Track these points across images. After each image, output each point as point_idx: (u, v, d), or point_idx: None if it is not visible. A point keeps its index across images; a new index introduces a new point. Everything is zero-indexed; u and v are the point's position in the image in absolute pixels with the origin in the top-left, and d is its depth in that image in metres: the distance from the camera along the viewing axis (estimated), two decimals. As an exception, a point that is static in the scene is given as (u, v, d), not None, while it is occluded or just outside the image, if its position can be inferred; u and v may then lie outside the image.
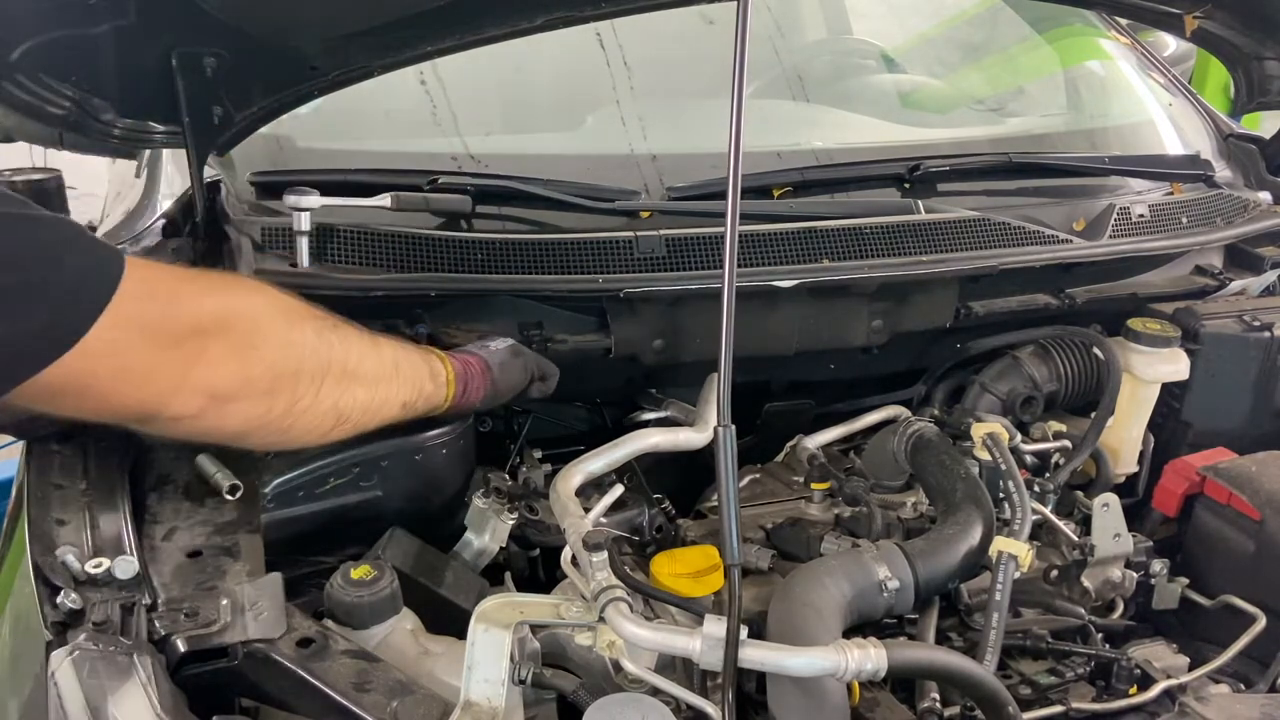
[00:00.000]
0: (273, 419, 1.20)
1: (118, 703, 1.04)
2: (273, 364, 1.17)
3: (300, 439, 1.27)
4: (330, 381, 1.22)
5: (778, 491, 1.73)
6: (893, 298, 1.80)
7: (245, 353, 1.14)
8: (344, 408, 1.26)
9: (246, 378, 1.14)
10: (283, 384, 1.18)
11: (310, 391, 1.20)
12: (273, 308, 1.21)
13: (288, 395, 1.18)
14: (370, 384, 1.29)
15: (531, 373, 1.57)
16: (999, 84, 2.64)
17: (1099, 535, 1.59)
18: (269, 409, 1.18)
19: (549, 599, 1.26)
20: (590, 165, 1.87)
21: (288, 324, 1.21)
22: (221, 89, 1.53)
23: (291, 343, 1.20)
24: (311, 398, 1.21)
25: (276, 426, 1.21)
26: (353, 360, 1.26)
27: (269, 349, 1.17)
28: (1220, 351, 1.85)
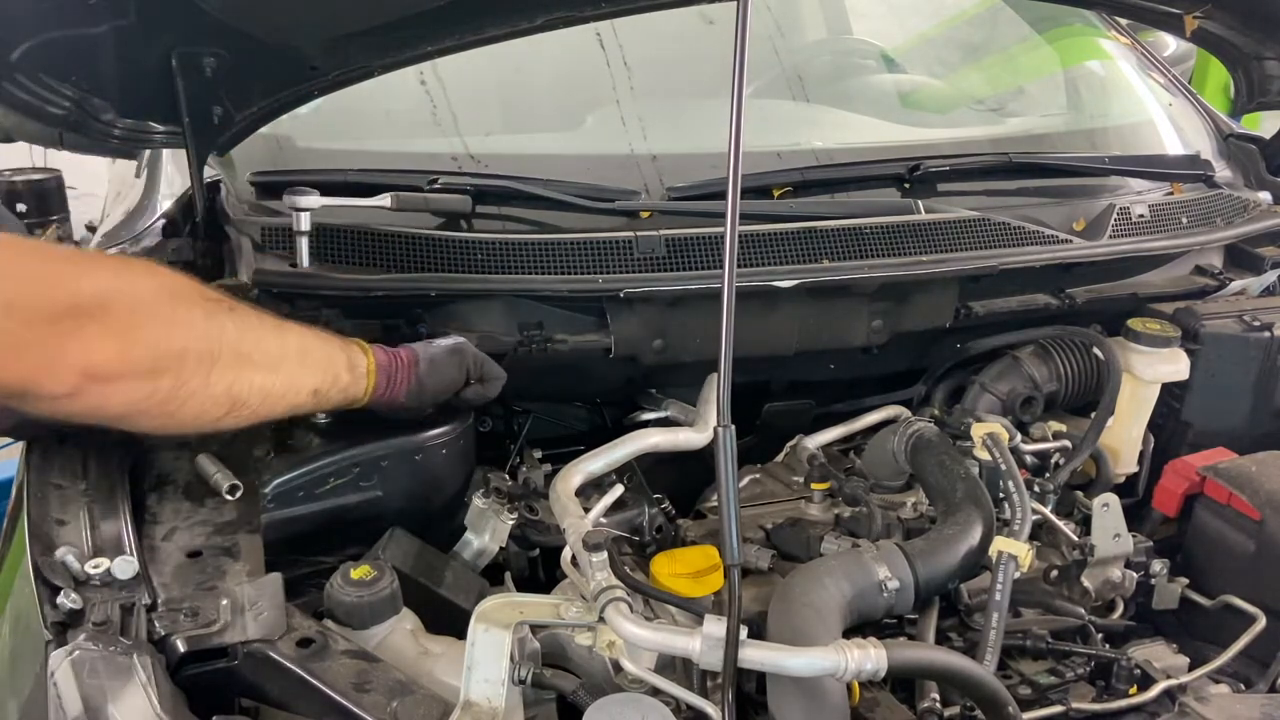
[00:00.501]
0: (156, 402, 1.16)
1: (118, 703, 1.04)
2: (154, 344, 1.14)
3: (190, 424, 1.23)
4: (222, 366, 1.19)
5: (778, 491, 1.73)
6: (893, 298, 1.80)
7: (125, 333, 1.11)
8: (239, 393, 1.22)
9: (125, 358, 1.11)
10: (166, 365, 1.14)
11: (198, 374, 1.17)
12: (159, 288, 1.18)
13: (172, 377, 1.15)
14: (269, 369, 1.25)
15: (469, 373, 1.51)
16: (999, 84, 2.64)
17: (1099, 535, 1.59)
18: (152, 391, 1.14)
19: (549, 599, 1.26)
20: (590, 165, 1.87)
21: (174, 305, 1.17)
22: (221, 89, 1.53)
23: (177, 323, 1.16)
24: (200, 380, 1.17)
25: (162, 410, 1.18)
26: (248, 344, 1.23)
27: (151, 329, 1.14)
28: (1220, 351, 1.85)
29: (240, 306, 1.26)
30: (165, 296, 1.17)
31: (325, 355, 1.34)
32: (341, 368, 1.36)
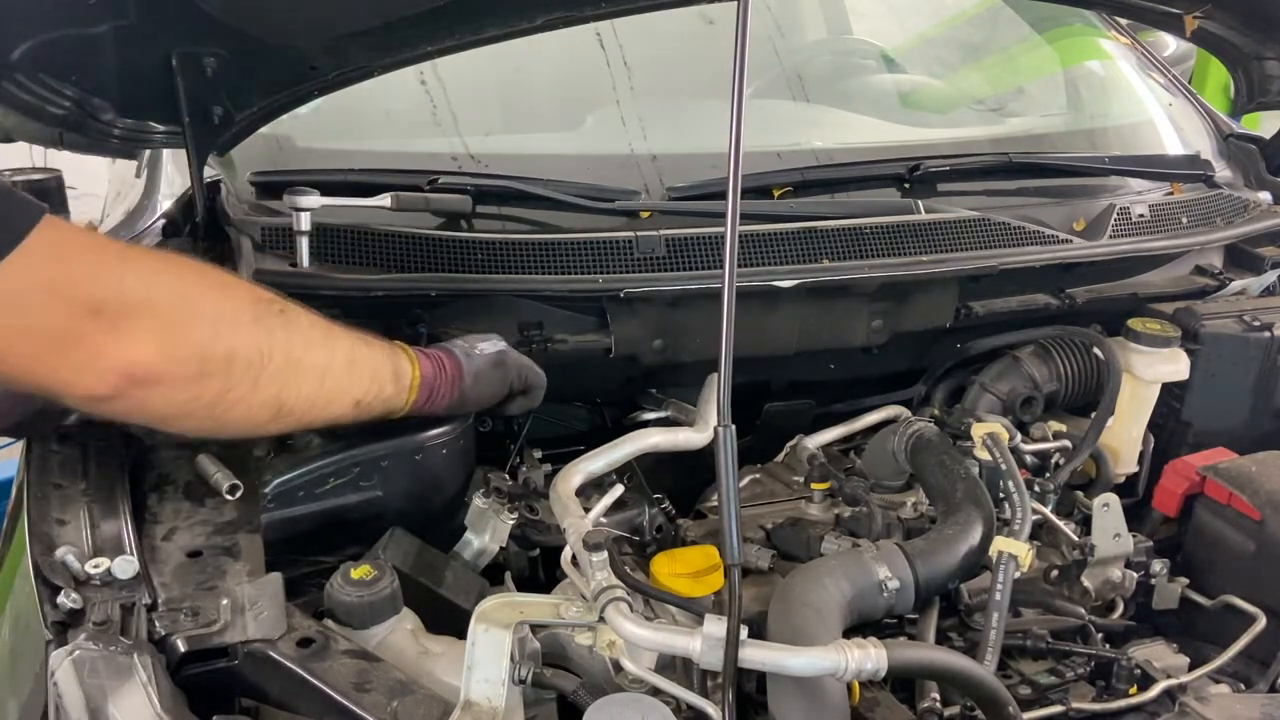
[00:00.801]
0: (201, 406, 1.11)
1: (118, 703, 1.04)
2: (201, 346, 1.07)
3: (235, 429, 1.20)
4: (271, 371, 1.12)
5: (778, 491, 1.73)
6: (893, 298, 1.80)
7: (170, 332, 1.05)
8: (286, 399, 1.16)
9: (170, 359, 1.04)
10: (212, 368, 1.07)
11: (246, 379, 1.10)
12: (207, 286, 1.12)
13: (219, 382, 1.08)
14: (318, 377, 1.19)
15: (512, 385, 1.48)
16: (999, 84, 2.64)
17: (1099, 535, 1.59)
18: (197, 395, 1.09)
19: (549, 599, 1.26)
20: (590, 165, 1.87)
21: (222, 304, 1.11)
22: (221, 89, 1.53)
23: (225, 323, 1.10)
24: (248, 386, 1.11)
25: (206, 414, 1.13)
26: (298, 349, 1.16)
27: (198, 329, 1.07)
28: (1220, 351, 1.85)
29: (290, 308, 1.19)
30: (214, 295, 1.12)
31: (372, 365, 1.29)
32: (387, 379, 1.30)
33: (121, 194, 2.16)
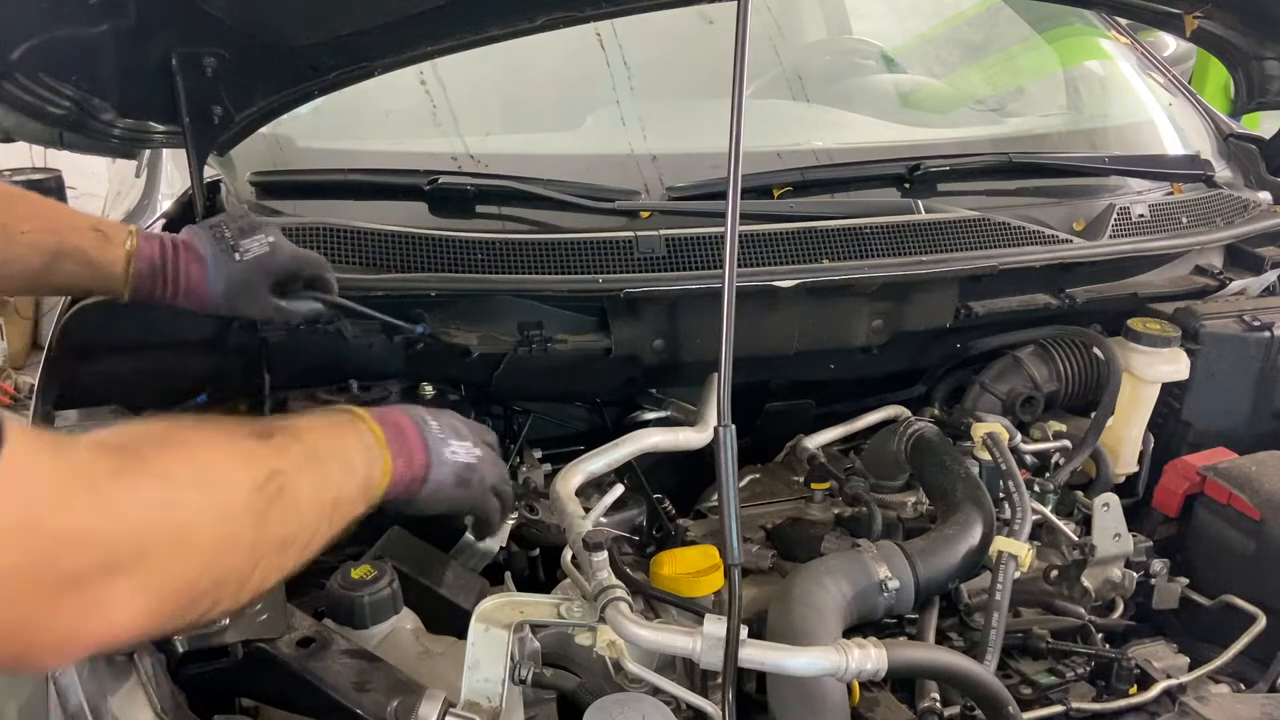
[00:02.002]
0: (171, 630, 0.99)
1: (118, 703, 1.04)
2: (192, 587, 0.88)
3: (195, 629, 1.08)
4: (260, 572, 0.95)
5: (778, 491, 1.73)
6: (893, 298, 1.80)
7: (159, 584, 0.83)
8: (266, 585, 0.98)
9: (156, 615, 0.84)
10: (199, 599, 0.90)
11: (230, 594, 0.93)
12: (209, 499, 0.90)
13: (205, 604, 0.91)
14: (302, 545, 1.01)
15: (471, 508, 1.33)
16: (999, 84, 2.64)
17: (1099, 535, 1.59)
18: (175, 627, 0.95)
19: (549, 599, 1.26)
20: (590, 165, 1.87)
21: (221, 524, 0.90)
22: (221, 89, 1.53)
23: (222, 552, 0.90)
24: (230, 599, 0.94)
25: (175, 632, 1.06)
26: (291, 527, 0.99)
27: (191, 567, 0.87)
28: (1220, 351, 1.85)
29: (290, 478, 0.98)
30: (214, 511, 0.90)
31: (350, 502, 1.10)
32: (359, 503, 1.13)
33: (121, 194, 2.16)
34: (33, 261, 1.30)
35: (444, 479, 1.23)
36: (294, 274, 1.46)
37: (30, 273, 1.30)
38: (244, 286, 1.41)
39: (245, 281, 1.40)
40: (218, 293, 1.40)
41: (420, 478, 1.21)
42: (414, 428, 1.22)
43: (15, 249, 1.29)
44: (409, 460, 1.19)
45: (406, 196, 1.74)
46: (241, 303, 1.42)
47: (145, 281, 1.37)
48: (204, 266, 1.39)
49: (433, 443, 1.23)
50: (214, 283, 1.39)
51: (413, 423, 1.22)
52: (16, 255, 1.29)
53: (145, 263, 1.36)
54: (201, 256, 1.39)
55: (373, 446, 1.15)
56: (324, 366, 1.61)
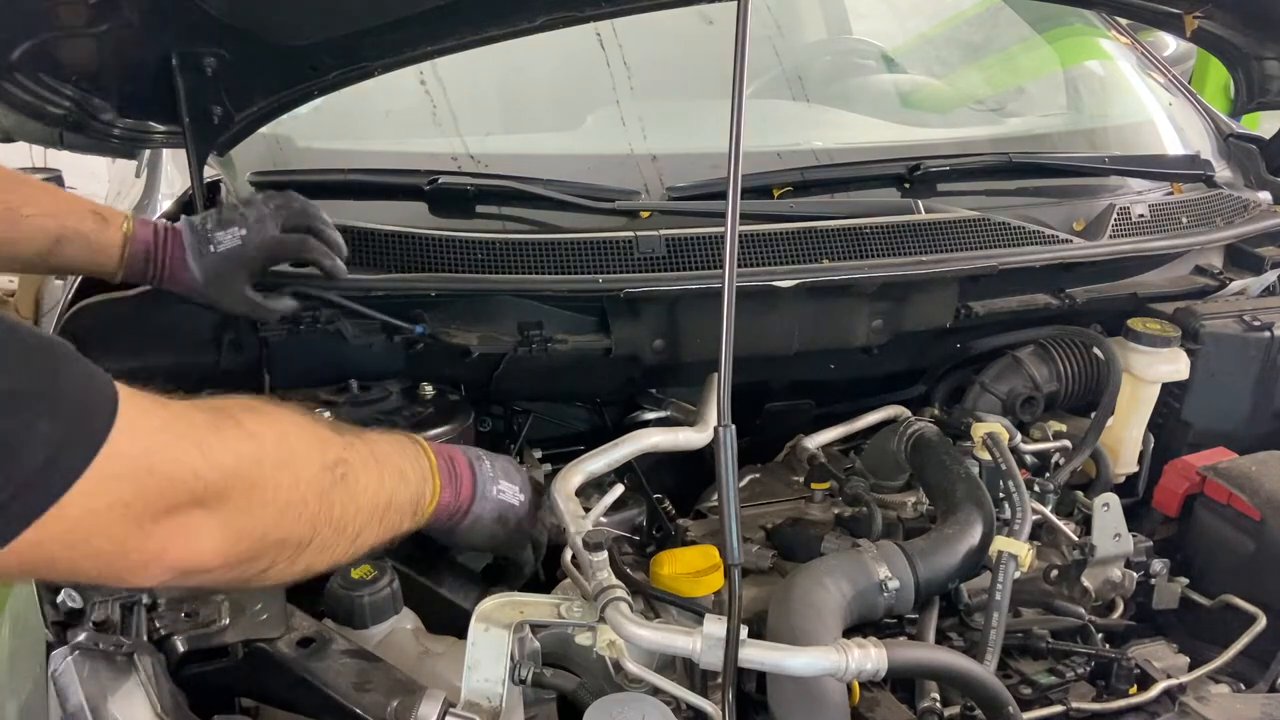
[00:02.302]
0: (234, 581, 1.04)
1: (118, 703, 1.04)
2: (261, 536, 0.99)
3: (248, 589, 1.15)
4: (313, 549, 1.05)
5: (778, 491, 1.73)
6: (893, 298, 1.80)
7: (236, 525, 0.95)
8: (315, 567, 1.08)
9: (228, 555, 0.95)
10: (263, 552, 1.00)
11: (287, 558, 1.03)
12: (285, 461, 1.01)
13: (265, 561, 1.01)
14: (349, 542, 1.10)
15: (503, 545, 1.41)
16: (999, 84, 2.64)
17: (1099, 535, 1.59)
18: (239, 575, 1.01)
19: (549, 599, 1.26)
20: (590, 165, 1.87)
21: (293, 489, 1.01)
22: (221, 89, 1.53)
23: (289, 513, 1.01)
24: (286, 564, 1.03)
25: (233, 585, 1.11)
26: (347, 518, 1.08)
27: (262, 521, 0.98)
28: (1220, 351, 1.85)
29: (353, 466, 1.09)
30: (288, 475, 1.01)
31: (399, 511, 1.19)
32: (408, 516, 1.22)
33: (121, 194, 2.16)
34: (37, 243, 1.37)
35: (485, 513, 1.32)
36: (266, 264, 1.48)
37: (33, 254, 1.38)
38: (218, 278, 1.45)
39: (219, 273, 1.45)
40: (199, 281, 1.45)
41: (464, 509, 1.30)
42: (466, 463, 1.32)
43: (20, 231, 1.36)
44: (456, 491, 1.28)
45: (406, 196, 1.74)
46: (216, 292, 1.46)
47: (138, 263, 1.43)
48: (185, 254, 1.44)
49: (481, 479, 1.32)
50: (194, 270, 1.44)
51: (466, 459, 1.32)
52: (21, 237, 1.36)
53: (140, 244, 1.42)
54: (184, 244, 1.45)
55: (426, 469, 1.25)
56: (324, 366, 1.61)
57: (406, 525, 1.22)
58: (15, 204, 1.36)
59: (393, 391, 1.59)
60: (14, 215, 1.35)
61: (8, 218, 1.35)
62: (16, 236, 1.36)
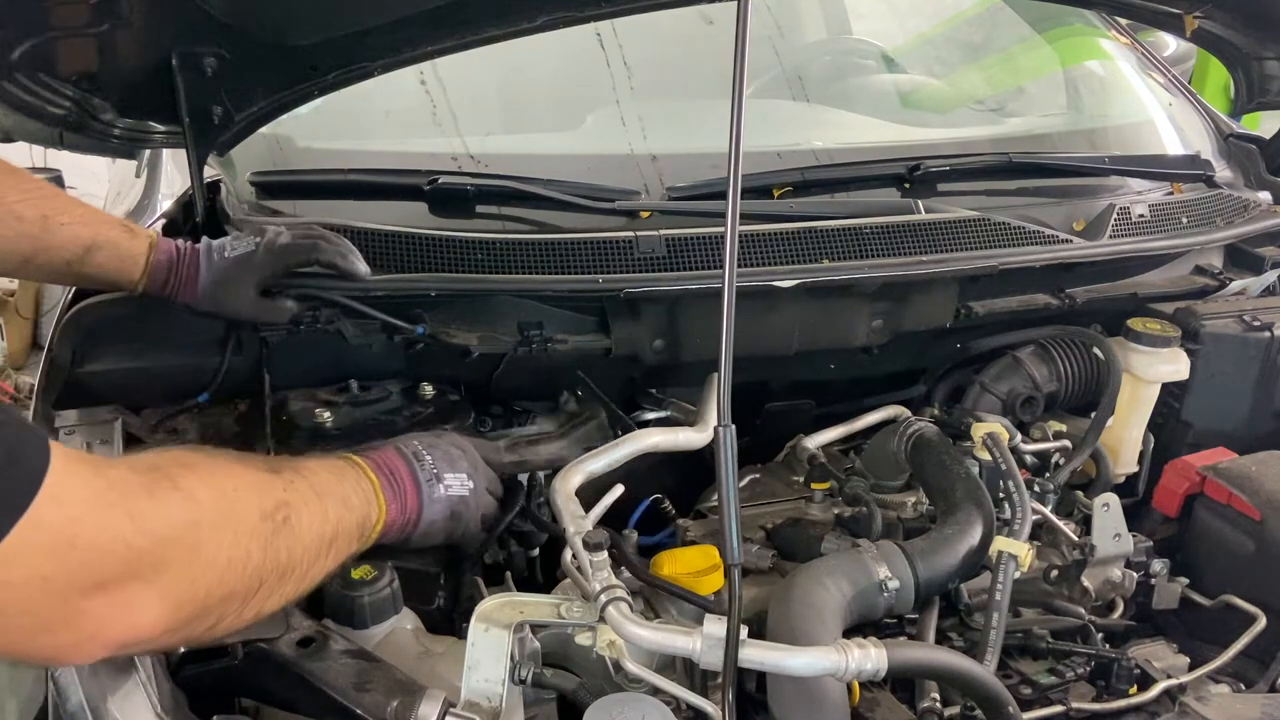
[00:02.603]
0: (179, 644, 1.05)
1: (118, 703, 1.04)
2: (205, 597, 0.95)
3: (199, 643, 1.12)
4: (261, 595, 1.02)
5: (778, 491, 1.73)
6: (893, 298, 1.80)
7: (177, 593, 0.91)
8: (266, 611, 1.05)
9: (171, 623, 0.92)
10: (208, 612, 0.97)
11: (234, 611, 1.00)
12: (224, 517, 0.98)
13: (211, 619, 0.98)
14: (301, 574, 1.08)
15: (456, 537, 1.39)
16: (999, 84, 2.64)
17: (1099, 535, 1.59)
18: (184, 638, 1.00)
19: (549, 599, 1.26)
20: (590, 165, 1.87)
21: (235, 545, 0.98)
22: (221, 89, 1.53)
23: (233, 569, 0.97)
24: (234, 617, 1.01)
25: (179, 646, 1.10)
26: (295, 557, 1.06)
27: (205, 579, 0.94)
28: (1220, 351, 1.85)
29: (295, 508, 1.07)
30: (229, 531, 0.98)
31: (347, 538, 1.18)
32: (354, 540, 1.21)
33: (121, 194, 2.17)
34: (70, 250, 1.40)
35: (436, 516, 1.32)
36: (277, 267, 1.49)
37: (63, 262, 1.41)
38: (226, 282, 1.47)
39: (227, 277, 1.47)
40: (205, 288, 1.47)
41: (414, 520, 1.30)
42: (408, 472, 1.30)
43: (55, 238, 1.39)
44: (402, 505, 1.28)
45: (406, 196, 1.74)
46: (223, 296, 1.48)
47: (161, 272, 1.46)
48: (198, 264, 1.48)
49: (425, 485, 1.31)
50: (203, 278, 1.47)
51: (407, 466, 1.31)
52: (55, 244, 1.39)
53: (164, 254, 1.46)
54: (200, 257, 1.48)
55: (368, 491, 1.24)
56: (324, 366, 1.61)
57: (355, 548, 1.21)
58: (50, 212, 1.39)
59: (393, 391, 1.60)
60: (49, 223, 1.39)
61: (42, 224, 1.38)
62: (51, 243, 1.39)
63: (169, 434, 1.50)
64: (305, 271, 1.53)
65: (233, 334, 1.57)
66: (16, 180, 1.40)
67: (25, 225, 1.37)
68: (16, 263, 1.40)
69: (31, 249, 1.38)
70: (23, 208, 1.37)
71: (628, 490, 1.52)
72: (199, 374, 1.56)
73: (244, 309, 1.49)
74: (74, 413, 1.47)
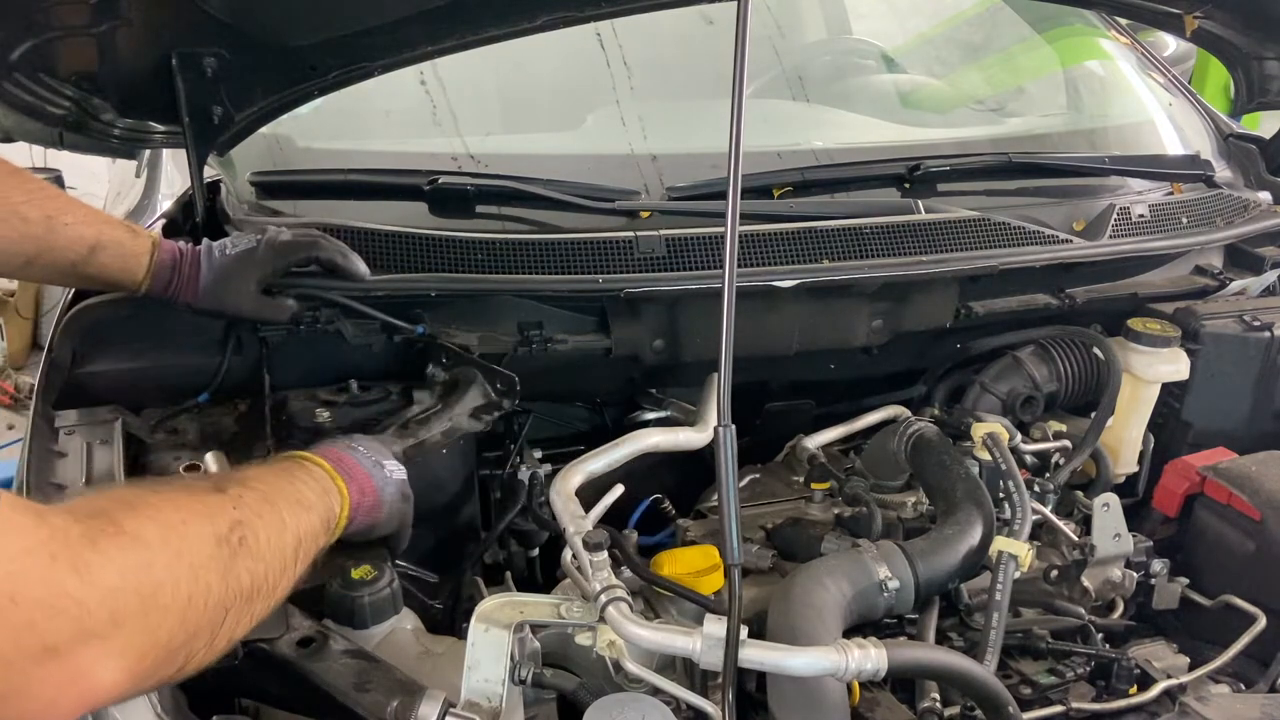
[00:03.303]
0: (150, 689, 1.00)
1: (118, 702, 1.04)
2: (169, 641, 0.90)
3: None
4: (230, 622, 0.98)
5: (778, 491, 1.73)
6: (893, 298, 1.80)
7: (138, 644, 0.86)
8: (238, 634, 1.02)
9: (136, 674, 0.87)
10: (175, 654, 0.92)
11: (204, 646, 0.95)
12: (176, 558, 0.92)
13: (180, 659, 0.93)
14: (270, 590, 1.04)
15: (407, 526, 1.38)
16: (999, 84, 2.64)
17: (1099, 535, 1.59)
18: (155, 684, 0.95)
19: (549, 599, 1.26)
20: (590, 165, 1.87)
21: (192, 581, 0.92)
22: (221, 89, 1.53)
23: (193, 608, 0.92)
24: (205, 650, 0.96)
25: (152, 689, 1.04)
26: (258, 574, 1.02)
27: (167, 624, 0.89)
28: (1220, 351, 1.85)
29: (250, 526, 1.02)
30: (184, 570, 0.92)
31: (312, 537, 1.15)
32: (321, 536, 1.18)
33: (121, 194, 2.17)
34: (75, 250, 1.41)
35: (392, 497, 1.32)
36: (278, 264, 1.49)
37: (67, 263, 1.41)
38: (227, 278, 1.47)
39: (229, 273, 1.47)
40: (207, 285, 1.47)
41: (374, 502, 1.28)
42: (350, 458, 1.29)
43: (59, 239, 1.39)
44: (360, 487, 1.26)
45: (406, 196, 1.74)
46: (224, 292, 1.48)
47: (165, 271, 1.46)
48: (200, 264, 1.48)
49: (371, 467, 1.30)
50: (204, 276, 1.47)
51: (350, 456, 1.29)
52: (59, 245, 1.39)
53: (167, 253, 1.46)
54: (201, 257, 1.48)
55: (324, 479, 1.22)
56: (324, 366, 1.61)
57: (323, 543, 1.18)
58: (54, 213, 1.39)
59: (393, 391, 1.59)
60: (53, 223, 1.38)
61: (46, 225, 1.38)
62: (56, 244, 1.39)
63: (169, 434, 1.50)
64: (305, 271, 1.53)
65: (233, 334, 1.57)
66: (20, 181, 1.39)
67: (30, 226, 1.37)
68: (20, 263, 1.40)
69: (36, 249, 1.38)
70: (27, 208, 1.37)
71: (628, 490, 1.52)
72: (199, 374, 1.56)
73: (245, 306, 1.49)
74: (74, 413, 1.47)
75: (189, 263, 1.47)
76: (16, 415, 4.23)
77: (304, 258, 1.51)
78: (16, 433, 4.07)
